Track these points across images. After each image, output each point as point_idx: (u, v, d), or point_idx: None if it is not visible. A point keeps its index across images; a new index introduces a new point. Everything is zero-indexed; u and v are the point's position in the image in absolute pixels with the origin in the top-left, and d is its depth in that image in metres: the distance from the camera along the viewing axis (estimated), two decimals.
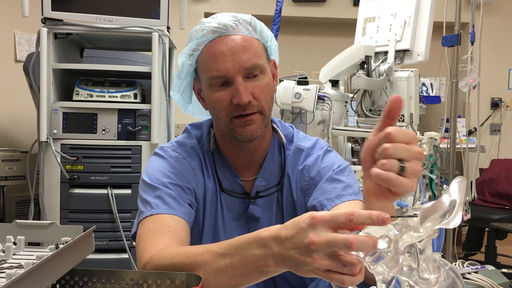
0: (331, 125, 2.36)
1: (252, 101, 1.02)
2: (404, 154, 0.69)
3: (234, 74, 1.01)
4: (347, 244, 0.61)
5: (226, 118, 1.04)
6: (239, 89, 1.00)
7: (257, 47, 1.05)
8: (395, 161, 0.69)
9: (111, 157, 2.30)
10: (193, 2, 4.57)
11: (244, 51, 1.01)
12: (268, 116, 1.08)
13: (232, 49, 1.01)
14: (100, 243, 2.26)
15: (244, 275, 0.76)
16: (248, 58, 1.01)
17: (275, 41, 1.12)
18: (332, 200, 1.03)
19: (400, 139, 0.70)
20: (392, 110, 0.73)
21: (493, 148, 4.84)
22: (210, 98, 1.06)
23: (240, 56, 1.01)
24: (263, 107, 1.05)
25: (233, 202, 1.13)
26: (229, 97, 1.02)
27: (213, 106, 1.07)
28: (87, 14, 2.28)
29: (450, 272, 0.66)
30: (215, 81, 1.03)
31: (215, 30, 1.03)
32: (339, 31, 4.51)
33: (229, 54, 1.00)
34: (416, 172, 0.70)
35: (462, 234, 4.00)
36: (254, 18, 1.09)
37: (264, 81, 1.05)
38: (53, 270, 0.69)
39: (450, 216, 0.60)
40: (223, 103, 1.03)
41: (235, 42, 1.01)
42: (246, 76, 1.02)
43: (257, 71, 1.03)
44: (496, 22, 4.76)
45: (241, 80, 1.01)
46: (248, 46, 1.02)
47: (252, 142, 1.08)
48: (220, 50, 1.01)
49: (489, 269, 2.11)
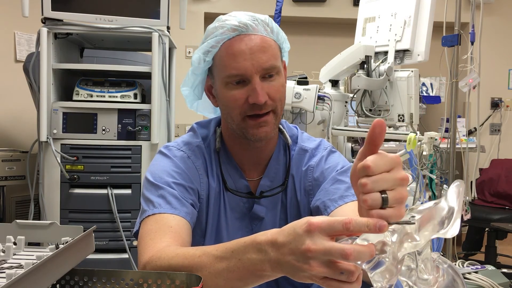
0: (331, 125, 2.36)
1: (268, 101, 1.03)
2: (385, 185, 0.65)
3: (252, 74, 1.01)
4: (343, 255, 0.61)
5: (239, 116, 1.05)
6: (257, 89, 1.01)
7: (274, 48, 1.06)
8: (377, 195, 0.64)
9: (111, 157, 2.30)
10: (193, 2, 4.57)
11: (263, 52, 1.02)
12: (280, 116, 1.09)
13: (251, 48, 1.01)
14: (100, 243, 2.26)
15: (241, 279, 0.76)
16: (267, 58, 1.02)
17: (288, 43, 1.13)
18: (335, 201, 1.04)
19: (380, 170, 0.65)
20: (374, 136, 0.67)
21: (493, 148, 4.84)
22: (224, 96, 1.06)
23: (259, 56, 1.01)
24: (277, 107, 1.06)
25: (237, 202, 1.13)
26: (245, 96, 1.02)
27: (226, 104, 1.06)
28: (87, 14, 2.28)
29: (449, 270, 0.66)
30: (232, 79, 1.03)
31: (235, 29, 1.03)
32: (339, 31, 4.51)
33: (249, 54, 1.01)
34: (400, 200, 0.66)
35: (462, 234, 4.00)
36: (271, 19, 1.09)
37: (279, 82, 1.06)
38: (53, 270, 0.69)
39: (448, 224, 0.60)
40: (238, 102, 1.03)
41: (255, 42, 1.02)
42: (263, 76, 1.03)
43: (274, 72, 1.04)
44: (496, 22, 4.76)
45: (258, 80, 1.02)
46: (267, 46, 1.03)
47: (262, 141, 1.08)
48: (239, 49, 1.01)
49: (489, 269, 2.11)
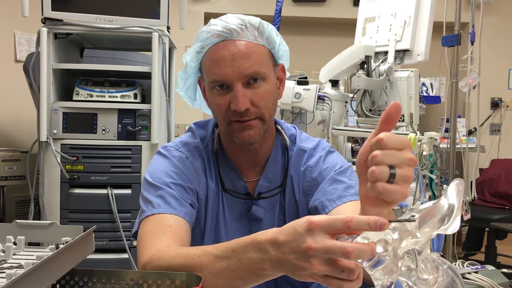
0: (331, 125, 2.36)
1: (251, 108, 1.02)
2: (394, 161, 0.68)
3: (233, 81, 1.00)
4: (344, 253, 0.61)
5: (224, 121, 1.05)
6: (237, 96, 1.00)
7: (261, 54, 1.04)
8: (385, 168, 0.68)
9: (111, 157, 2.30)
10: (193, 2, 4.57)
11: (245, 58, 1.01)
12: (269, 121, 1.08)
13: (233, 55, 1.00)
14: (100, 243, 2.26)
15: (241, 278, 0.76)
16: (249, 65, 1.01)
17: (285, 46, 1.12)
18: (334, 201, 1.03)
19: (392, 145, 0.68)
20: (389, 115, 0.71)
21: (493, 148, 4.84)
22: (210, 100, 1.08)
23: (240, 63, 1.00)
24: (263, 114, 1.04)
25: (235, 203, 1.13)
26: (228, 102, 1.02)
27: (213, 108, 1.08)
28: (87, 14, 2.28)
29: (449, 271, 0.66)
30: (214, 84, 1.03)
31: (220, 34, 1.02)
32: (339, 31, 4.51)
33: (230, 60, 1.00)
34: (407, 178, 0.68)
35: (462, 234, 4.00)
36: (263, 22, 1.08)
37: (265, 88, 1.04)
38: (53, 270, 0.69)
39: (448, 221, 0.60)
40: (222, 107, 1.04)
41: (238, 48, 1.01)
42: (247, 82, 1.02)
43: (258, 78, 1.03)
44: (496, 22, 4.76)
45: (240, 87, 1.01)
46: (250, 53, 1.02)
47: (252, 144, 1.08)
48: (221, 56, 1.01)
49: (489, 269, 2.11)
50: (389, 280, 0.61)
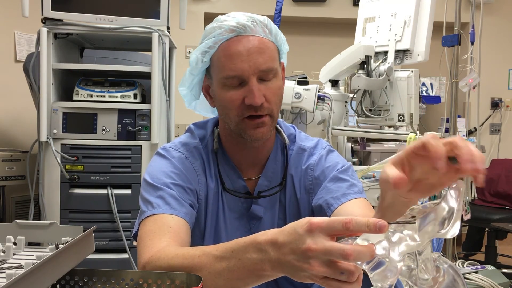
0: (331, 125, 2.36)
1: (264, 103, 1.03)
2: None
3: (249, 75, 1.01)
4: (343, 255, 0.61)
5: (237, 118, 1.05)
6: (253, 90, 1.01)
7: (272, 50, 1.05)
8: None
9: (111, 157, 2.30)
10: (193, 2, 4.57)
11: (260, 53, 1.01)
12: (276, 118, 1.09)
13: (249, 50, 1.01)
14: (100, 243, 2.26)
15: (241, 278, 0.76)
16: (264, 60, 1.01)
17: (287, 45, 1.13)
18: (338, 199, 1.04)
19: None
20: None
21: (493, 148, 4.84)
22: (221, 97, 1.06)
23: (256, 58, 1.01)
24: (273, 110, 1.06)
25: (235, 202, 1.13)
26: (241, 97, 1.02)
27: (223, 104, 1.07)
28: (87, 14, 2.28)
29: (450, 270, 0.66)
30: (229, 81, 1.03)
31: (233, 29, 1.02)
32: (339, 31, 4.51)
33: (246, 55, 1.00)
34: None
35: (462, 234, 4.00)
36: (270, 20, 1.09)
37: (276, 84, 1.06)
38: (53, 270, 0.69)
39: (448, 224, 0.60)
40: (235, 103, 1.03)
41: (252, 43, 1.02)
42: (260, 78, 1.03)
43: (271, 74, 1.04)
44: (496, 22, 4.76)
45: (255, 82, 1.01)
46: (264, 48, 1.02)
47: (260, 141, 1.08)
48: (237, 50, 1.01)
49: (489, 269, 2.11)
50: (389, 283, 0.61)
